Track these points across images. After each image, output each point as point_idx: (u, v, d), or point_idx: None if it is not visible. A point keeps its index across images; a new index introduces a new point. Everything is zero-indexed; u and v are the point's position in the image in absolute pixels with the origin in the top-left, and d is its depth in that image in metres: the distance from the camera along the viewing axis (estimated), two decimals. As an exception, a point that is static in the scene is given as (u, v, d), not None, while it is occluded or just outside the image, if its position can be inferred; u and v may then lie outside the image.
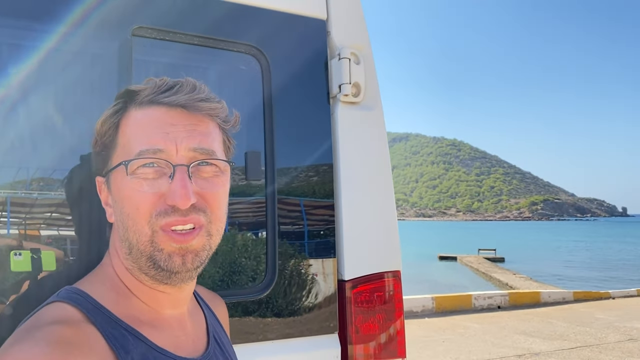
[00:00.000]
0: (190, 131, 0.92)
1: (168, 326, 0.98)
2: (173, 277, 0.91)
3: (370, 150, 1.73)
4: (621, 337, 8.95)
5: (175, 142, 0.90)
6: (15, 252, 1.20)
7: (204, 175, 0.93)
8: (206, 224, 0.92)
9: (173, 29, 1.46)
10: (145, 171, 0.89)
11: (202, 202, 0.91)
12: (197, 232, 0.91)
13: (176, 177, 0.89)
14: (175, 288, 0.96)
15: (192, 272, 0.93)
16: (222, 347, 1.09)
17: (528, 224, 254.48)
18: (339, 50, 1.68)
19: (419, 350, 8.00)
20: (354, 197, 1.67)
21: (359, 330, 1.60)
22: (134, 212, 0.90)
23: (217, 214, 0.94)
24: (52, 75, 1.29)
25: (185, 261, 0.90)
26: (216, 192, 0.94)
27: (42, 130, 1.28)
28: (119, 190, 0.92)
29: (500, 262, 31.70)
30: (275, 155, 1.58)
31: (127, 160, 0.90)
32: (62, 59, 1.31)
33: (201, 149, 0.92)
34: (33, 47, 1.31)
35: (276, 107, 1.59)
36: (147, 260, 0.91)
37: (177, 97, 0.92)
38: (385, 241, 1.71)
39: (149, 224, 0.89)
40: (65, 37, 1.31)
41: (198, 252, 0.92)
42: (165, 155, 0.89)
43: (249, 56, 1.60)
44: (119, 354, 0.84)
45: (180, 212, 0.88)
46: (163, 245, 0.89)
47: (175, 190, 0.88)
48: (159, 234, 0.89)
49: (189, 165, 0.90)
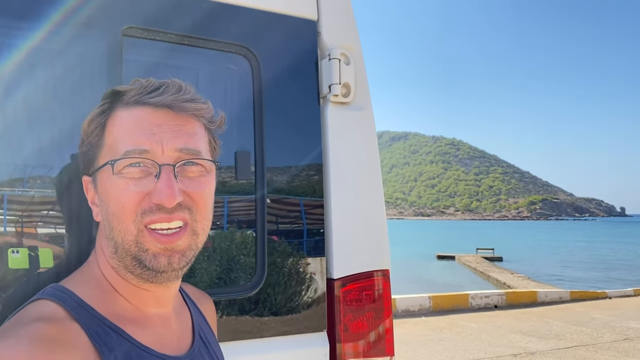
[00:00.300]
0: (176, 132, 0.93)
1: (152, 324, 0.98)
2: (159, 276, 0.92)
3: (360, 150, 1.74)
4: (617, 336, 8.97)
5: (162, 142, 0.91)
6: (12, 249, 1.20)
7: (190, 175, 0.94)
8: (191, 222, 0.93)
9: (163, 29, 1.46)
10: (132, 170, 0.90)
11: (188, 201, 0.93)
12: (183, 232, 0.92)
13: (162, 176, 0.90)
14: (160, 287, 0.97)
15: (178, 272, 0.95)
16: (207, 346, 1.10)
17: (526, 224, 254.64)
18: (329, 51, 1.69)
19: (415, 349, 8.02)
20: (344, 197, 1.69)
21: (347, 328, 1.61)
22: (120, 211, 0.90)
23: (202, 213, 0.95)
24: (43, 75, 1.30)
25: (172, 261, 0.91)
26: (202, 191, 0.95)
27: (33, 129, 1.28)
28: (105, 190, 0.93)
29: (499, 261, 31.72)
30: (265, 155, 1.59)
31: (113, 160, 0.91)
32: (52, 59, 1.31)
33: (187, 149, 0.93)
34: (22, 47, 1.31)
35: (266, 107, 1.60)
36: (133, 260, 0.92)
37: (163, 97, 0.93)
38: (374, 240, 1.72)
39: (134, 223, 0.90)
40: (54, 37, 1.32)
41: (184, 252, 0.93)
42: (151, 155, 0.90)
43: (239, 56, 1.60)
44: (102, 351, 0.85)
45: (165, 210, 0.89)
46: (148, 246, 0.90)
47: (161, 189, 0.89)
48: (143, 233, 0.90)
49: (175, 165, 0.91)
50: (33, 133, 1.28)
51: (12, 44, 1.31)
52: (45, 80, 1.30)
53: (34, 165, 1.27)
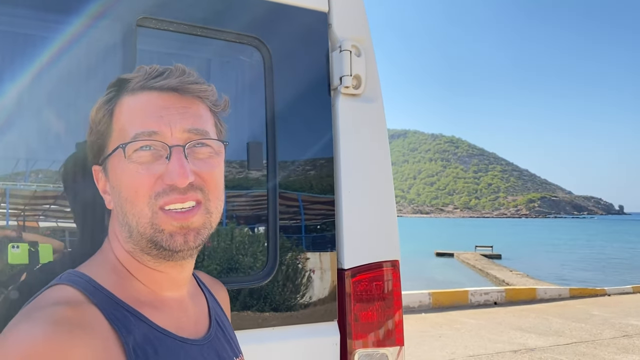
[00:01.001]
0: (183, 113, 0.95)
1: (169, 308, 0.99)
2: (175, 255, 0.93)
3: (370, 142, 1.75)
4: (616, 333, 9.00)
5: (170, 124, 0.92)
6: (13, 244, 1.21)
7: (200, 157, 0.95)
8: (204, 202, 0.94)
9: (177, 20, 1.47)
10: (142, 154, 0.91)
11: (200, 181, 0.94)
12: (197, 210, 0.93)
13: (173, 157, 0.91)
14: (177, 267, 0.98)
15: (194, 250, 0.95)
16: (224, 330, 1.11)
17: (525, 222, 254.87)
18: (340, 43, 1.70)
19: (415, 345, 8.04)
20: (354, 187, 1.69)
21: (358, 318, 1.63)
22: (133, 196, 0.91)
23: (214, 193, 0.97)
24: (55, 66, 1.30)
25: (188, 239, 0.92)
26: (212, 171, 0.96)
27: (44, 121, 1.28)
28: (117, 176, 0.94)
29: (497, 259, 31.76)
30: (277, 146, 1.60)
31: (124, 143, 0.92)
32: (64, 49, 1.32)
33: (195, 129, 0.95)
34: (34, 37, 1.32)
35: (277, 99, 1.61)
36: (148, 242, 0.92)
37: (168, 80, 0.95)
38: (384, 231, 1.73)
39: (148, 206, 0.90)
40: (68, 27, 1.32)
41: (199, 230, 0.94)
42: (160, 137, 0.92)
43: (251, 47, 1.61)
44: (122, 333, 0.86)
45: (179, 191, 0.90)
46: (164, 226, 0.91)
47: (173, 169, 0.90)
48: (158, 214, 0.90)
49: (185, 146, 0.92)
50: (45, 124, 1.29)
51: (23, 34, 1.31)
52: (58, 70, 1.30)
53: (43, 159, 1.28)
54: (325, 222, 1.66)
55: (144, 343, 0.88)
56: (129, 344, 0.85)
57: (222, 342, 1.07)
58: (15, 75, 1.26)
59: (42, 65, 1.29)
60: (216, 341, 1.05)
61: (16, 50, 1.29)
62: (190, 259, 0.99)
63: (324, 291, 1.63)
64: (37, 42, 1.32)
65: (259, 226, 1.58)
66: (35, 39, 1.32)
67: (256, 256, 1.55)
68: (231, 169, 1.55)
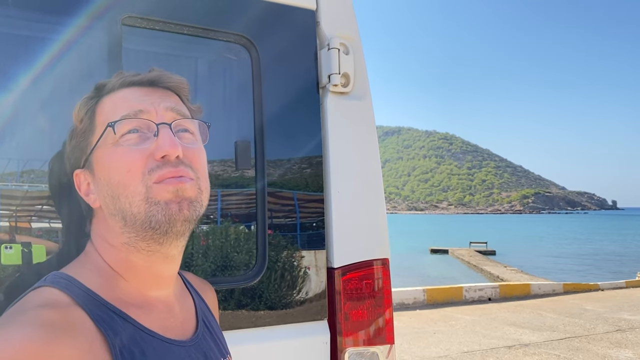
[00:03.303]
0: (164, 97, 0.99)
1: (156, 309, 0.98)
2: (170, 229, 0.91)
3: (359, 140, 1.74)
4: (609, 327, 9.05)
5: (153, 104, 0.96)
6: (5, 245, 1.20)
7: (185, 141, 0.97)
8: (195, 179, 0.95)
9: (163, 19, 1.46)
10: (130, 137, 0.93)
11: (188, 160, 0.95)
12: (190, 181, 0.93)
13: (161, 132, 0.93)
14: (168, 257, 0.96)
15: (186, 225, 0.93)
16: (211, 331, 1.10)
17: (519, 217, 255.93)
18: (328, 41, 1.69)
19: (410, 341, 8.06)
20: (343, 185, 1.69)
21: (348, 316, 1.62)
22: (125, 176, 0.91)
23: (202, 173, 0.98)
24: (42, 65, 1.29)
25: (182, 207, 0.91)
26: (198, 154, 0.98)
27: (31, 121, 1.28)
28: (105, 164, 0.94)
29: (492, 255, 31.92)
30: (265, 145, 1.59)
31: (112, 122, 0.93)
32: (50, 49, 1.31)
33: (177, 109, 0.99)
34: (20, 36, 1.31)
35: (266, 97, 1.60)
36: (143, 223, 0.91)
37: (146, 74, 1.01)
38: (374, 229, 1.73)
39: (142, 182, 0.90)
40: (53, 26, 1.31)
41: (192, 201, 0.93)
42: (146, 115, 0.94)
43: (238, 46, 1.60)
44: (108, 335, 0.84)
45: (172, 164, 0.91)
46: (159, 197, 0.90)
47: (164, 142, 0.91)
48: (152, 188, 0.90)
49: (171, 124, 0.95)
50: (31, 125, 1.28)
51: (8, 34, 1.30)
52: (43, 70, 1.29)
53: (30, 159, 1.27)
54: (315, 221, 1.65)
55: (131, 344, 0.87)
56: (115, 345, 0.84)
57: (210, 343, 1.06)
58: (1, 76, 1.25)
59: (27, 65, 1.28)
60: (203, 342, 1.04)
61: (0, 50, 1.28)
62: (183, 240, 0.98)
63: (314, 290, 1.62)
64: (21, 42, 1.31)
65: (247, 226, 1.57)
66: (19, 39, 1.31)
67: (245, 256, 1.54)
68: (219, 168, 1.55)
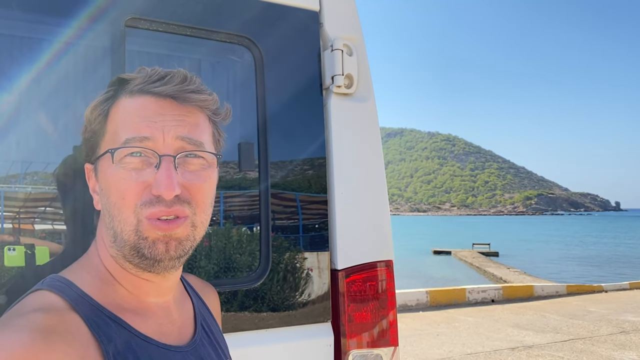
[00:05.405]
0: (179, 121, 0.92)
1: (153, 314, 0.98)
2: (156, 265, 0.91)
3: (363, 141, 1.74)
4: (613, 329, 9.02)
5: (163, 130, 0.90)
6: (9, 247, 1.20)
7: (191, 168, 0.93)
8: (191, 215, 0.92)
9: (166, 20, 1.46)
10: (132, 160, 0.89)
11: (187, 194, 0.92)
12: (182, 222, 0.91)
13: (162, 167, 0.89)
14: (159, 276, 0.96)
15: (175, 261, 0.93)
16: (210, 336, 1.09)
17: (522, 219, 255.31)
18: (332, 42, 1.69)
19: (413, 343, 8.04)
20: (347, 187, 1.69)
21: (352, 318, 1.62)
22: (120, 202, 0.90)
23: (201, 207, 0.94)
24: (44, 67, 1.29)
25: (169, 248, 0.90)
26: (202, 184, 0.94)
27: (35, 123, 1.27)
28: (106, 179, 0.93)
29: (495, 256, 31.83)
30: (268, 146, 1.58)
31: (112, 149, 0.90)
32: (54, 50, 1.31)
33: (189, 138, 0.92)
34: (24, 39, 1.31)
35: (269, 98, 1.60)
36: (131, 249, 0.91)
37: (167, 87, 0.92)
38: (378, 231, 1.72)
39: (134, 213, 0.89)
40: (56, 28, 1.31)
41: (181, 241, 0.92)
42: (151, 144, 0.90)
43: (242, 47, 1.60)
44: (102, 342, 0.84)
45: (165, 203, 0.88)
46: (147, 234, 0.89)
47: (161, 181, 0.88)
48: (143, 223, 0.89)
49: (175, 156, 0.90)
50: (34, 127, 1.28)
51: (11, 36, 1.30)
52: (46, 72, 1.29)
53: (34, 161, 1.27)
54: (318, 222, 1.65)
55: (125, 351, 0.87)
56: (109, 352, 0.84)
57: (207, 347, 1.05)
58: (4, 78, 1.25)
59: (30, 67, 1.28)
60: (201, 347, 1.03)
61: (3, 52, 1.27)
62: (173, 271, 0.97)
63: (318, 292, 1.62)
64: (24, 44, 1.31)
65: (251, 227, 1.57)
66: (23, 41, 1.31)
67: (248, 258, 1.54)
68: (223, 170, 1.54)
